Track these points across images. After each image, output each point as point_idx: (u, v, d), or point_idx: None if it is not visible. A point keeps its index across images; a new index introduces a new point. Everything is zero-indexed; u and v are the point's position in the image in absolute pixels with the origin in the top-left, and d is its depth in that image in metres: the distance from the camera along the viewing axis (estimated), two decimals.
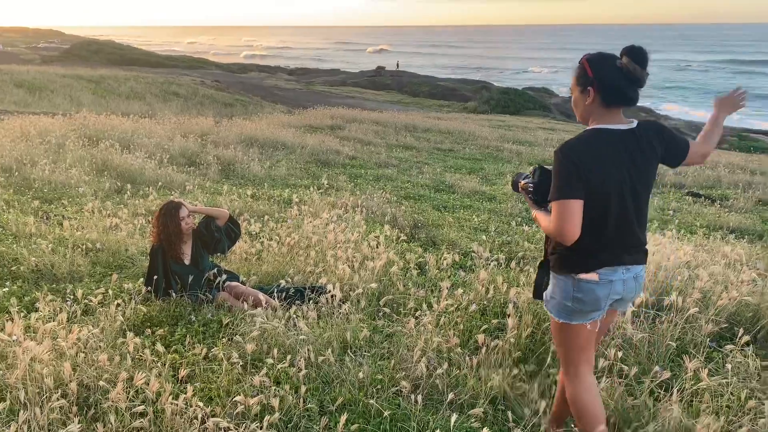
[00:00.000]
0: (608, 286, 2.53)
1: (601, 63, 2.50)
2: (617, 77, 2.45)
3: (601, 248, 2.51)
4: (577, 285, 2.53)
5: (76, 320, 3.94)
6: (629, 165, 2.47)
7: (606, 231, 2.49)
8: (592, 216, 2.44)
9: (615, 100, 2.49)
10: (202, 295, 4.53)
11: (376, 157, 13.39)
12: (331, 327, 3.80)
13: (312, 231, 5.86)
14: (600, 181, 2.42)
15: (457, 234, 7.20)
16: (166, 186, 8.83)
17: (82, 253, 5.51)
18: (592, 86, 2.50)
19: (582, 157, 2.42)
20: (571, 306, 2.56)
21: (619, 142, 2.48)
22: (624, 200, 2.48)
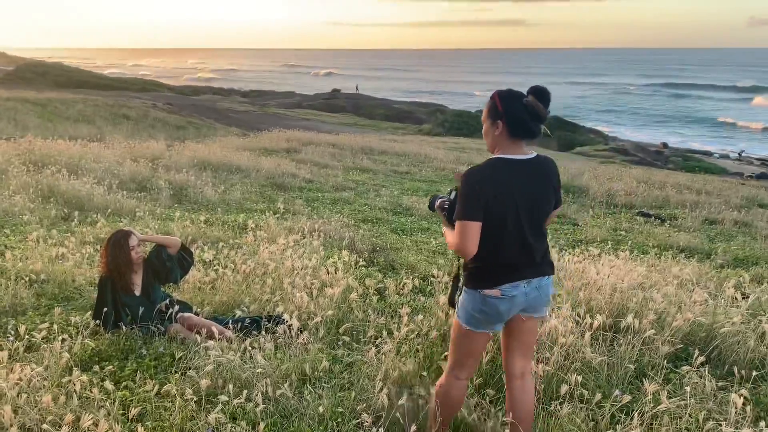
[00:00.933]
0: (510, 300, 2.79)
1: (510, 99, 2.78)
2: (523, 113, 2.74)
3: (502, 266, 2.78)
4: (482, 299, 2.79)
5: (18, 358, 3.73)
6: (527, 190, 2.75)
7: (505, 250, 2.75)
8: (493, 237, 2.71)
9: (519, 133, 2.77)
10: (153, 327, 4.36)
11: (332, 180, 13.34)
12: (289, 358, 3.70)
13: (268, 257, 5.75)
14: (499, 204, 2.69)
15: (415, 257, 7.18)
16: (116, 212, 8.57)
17: (26, 285, 5.27)
18: (501, 119, 2.77)
19: (483, 183, 2.69)
20: (478, 317, 2.83)
21: (518, 170, 2.75)
22: (520, 222, 2.74)
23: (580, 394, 3.35)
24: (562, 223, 10.25)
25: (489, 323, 2.85)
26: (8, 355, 3.53)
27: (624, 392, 3.32)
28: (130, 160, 12.49)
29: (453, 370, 2.98)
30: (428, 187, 13.62)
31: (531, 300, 2.85)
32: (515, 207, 2.72)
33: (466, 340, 2.90)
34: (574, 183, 14.67)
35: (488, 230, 2.69)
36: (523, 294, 2.81)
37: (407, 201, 11.44)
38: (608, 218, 10.91)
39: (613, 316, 4.28)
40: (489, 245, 2.71)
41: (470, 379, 3.47)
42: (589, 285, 4.66)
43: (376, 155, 18.86)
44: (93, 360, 3.96)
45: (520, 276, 2.79)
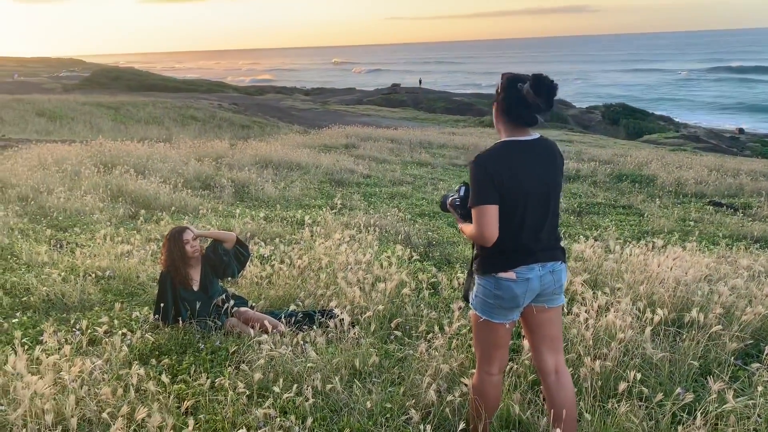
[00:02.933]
0: (525, 283, 2.73)
1: (509, 84, 2.73)
2: (515, 99, 2.69)
3: (516, 248, 2.73)
4: (497, 283, 2.74)
5: (82, 351, 3.89)
6: (538, 170, 2.72)
7: (520, 232, 2.71)
8: (507, 219, 2.67)
9: (513, 118, 2.74)
10: (210, 322, 4.46)
11: (390, 174, 13.34)
12: (340, 352, 3.70)
13: (324, 252, 5.79)
14: (512, 187, 2.65)
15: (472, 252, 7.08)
16: (180, 210, 8.84)
17: (93, 281, 5.49)
18: (498, 103, 2.79)
19: (494, 166, 2.66)
20: (492, 303, 2.77)
21: (526, 151, 2.73)
22: (535, 203, 2.71)
23: (639, 391, 3.20)
24: (628, 214, 9.89)
25: (504, 310, 2.78)
26: (71, 349, 3.68)
27: (687, 390, 3.16)
28: (194, 160, 12.87)
29: (482, 365, 2.91)
30: None
31: (545, 285, 2.78)
32: (527, 188, 2.69)
33: (486, 331, 2.84)
34: (641, 172, 14.15)
35: (502, 214, 2.66)
36: (538, 277, 2.75)
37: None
38: (676, 208, 10.46)
39: (677, 311, 4.08)
40: (503, 228, 2.67)
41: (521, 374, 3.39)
42: (651, 278, 4.46)
43: (434, 149, 18.75)
44: (153, 353, 4.08)
45: (534, 259, 2.75)
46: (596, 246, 5.54)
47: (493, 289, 2.75)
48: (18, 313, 4.81)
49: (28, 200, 8.69)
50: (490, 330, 2.83)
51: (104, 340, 3.89)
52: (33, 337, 4.26)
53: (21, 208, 8.41)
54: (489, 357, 2.88)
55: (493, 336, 2.84)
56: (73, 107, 32.47)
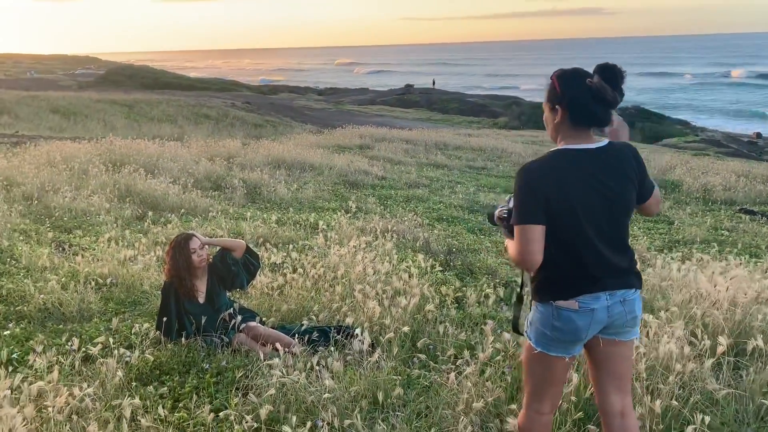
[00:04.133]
0: (589, 315, 2.35)
1: (570, 81, 2.37)
2: (585, 96, 2.31)
3: (579, 274, 2.36)
4: (556, 313, 2.37)
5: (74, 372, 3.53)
6: (599, 185, 2.32)
7: (582, 256, 2.34)
8: (564, 241, 2.33)
9: (582, 120, 2.35)
10: (216, 338, 4.10)
11: (406, 176, 12.95)
12: (359, 379, 3.32)
13: (339, 260, 5.41)
14: (566, 205, 2.29)
15: (495, 260, 6.69)
16: (190, 212, 8.50)
17: (94, 289, 5.15)
18: (560, 104, 2.37)
19: (541, 181, 2.30)
20: (550, 335, 2.39)
21: (586, 162, 2.33)
22: (597, 222, 2.33)
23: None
24: (656, 221, 9.44)
25: (564, 343, 2.39)
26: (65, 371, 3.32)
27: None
28: (205, 159, 12.55)
29: (531, 403, 2.53)
30: (506, 183, 13.00)
31: (614, 317, 2.38)
32: (586, 204, 2.30)
33: (540, 365, 2.46)
34: (665, 177, 13.67)
35: (558, 234, 2.31)
36: (605, 308, 2.35)
37: (484, 198, 10.91)
38: (707, 216, 9.99)
39: (733, 336, 3.66)
40: (561, 251, 2.32)
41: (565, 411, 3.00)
42: (701, 298, 4.04)
43: (450, 150, 18.35)
44: (153, 374, 3.73)
45: (601, 286, 2.35)
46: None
47: (552, 319, 2.37)
48: (11, 324, 4.47)
49: (33, 199, 8.39)
50: (545, 364, 2.45)
51: (99, 360, 3.53)
52: (24, 352, 3.92)
53: (25, 207, 8.11)
54: (541, 394, 2.51)
55: (549, 371, 2.46)
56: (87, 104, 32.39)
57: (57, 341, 4.06)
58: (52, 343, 4.04)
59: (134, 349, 3.90)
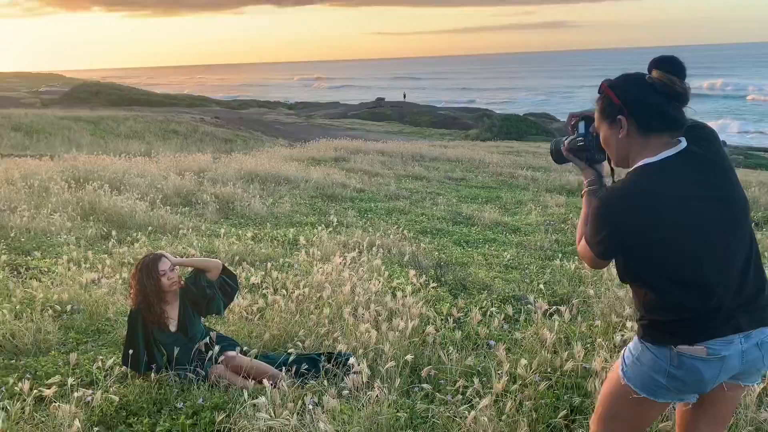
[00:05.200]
0: (719, 363, 1.89)
1: (627, 84, 1.99)
2: (651, 95, 1.92)
3: (704, 312, 1.88)
4: (676, 360, 1.90)
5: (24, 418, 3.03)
6: (707, 193, 1.88)
7: (709, 289, 1.86)
8: (683, 276, 1.88)
9: (654, 123, 1.94)
10: (191, 373, 3.62)
11: (385, 188, 12.55)
12: (359, 420, 2.88)
13: (324, 279, 4.98)
14: (674, 234, 1.85)
15: (486, 274, 6.31)
16: (159, 229, 7.97)
17: (53, 317, 4.63)
18: (622, 114, 1.97)
19: (628, 217, 1.88)
20: (665, 383, 1.93)
21: (680, 172, 1.89)
22: (720, 241, 1.87)
23: None
24: None
25: (679, 393, 1.96)
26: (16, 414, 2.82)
27: None
28: (174, 174, 11.99)
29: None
30: (487, 193, 12.70)
31: (749, 363, 1.92)
32: (701, 224, 1.87)
33: (634, 409, 2.02)
34: None
35: (673, 270, 1.88)
36: (739, 354, 1.89)
37: (467, 209, 10.57)
38: None
39: None
40: (681, 288, 1.88)
41: None
42: None
43: (427, 161, 18.02)
44: (119, 416, 3.25)
45: (734, 327, 1.88)
46: None
47: (669, 366, 1.91)
48: None
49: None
50: (641, 410, 2.02)
51: (54, 404, 3.04)
52: None
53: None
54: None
55: (644, 417, 2.06)
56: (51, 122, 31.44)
57: (5, 380, 3.55)
58: (1, 383, 3.54)
59: (97, 387, 3.41)
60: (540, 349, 3.47)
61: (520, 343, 3.78)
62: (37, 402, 3.26)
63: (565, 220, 9.46)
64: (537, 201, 11.46)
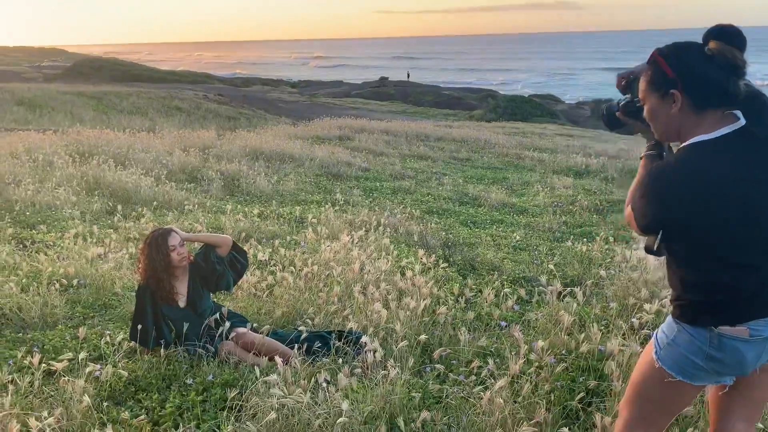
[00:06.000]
0: (761, 344, 1.84)
1: (683, 55, 1.85)
2: (710, 68, 1.80)
3: (748, 292, 1.82)
4: (717, 341, 1.84)
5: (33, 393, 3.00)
6: (760, 180, 1.79)
7: (754, 271, 1.81)
8: (728, 257, 1.81)
9: (712, 99, 1.82)
10: (200, 348, 3.59)
11: (390, 168, 12.47)
12: (372, 398, 2.84)
13: (332, 258, 4.93)
14: (723, 215, 1.77)
15: (495, 254, 6.25)
16: (164, 205, 7.92)
17: (59, 291, 4.59)
18: (675, 88, 1.84)
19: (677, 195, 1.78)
20: (703, 365, 1.88)
21: (735, 152, 1.79)
22: (764, 224, 1.80)
23: None
24: None
25: (718, 375, 1.91)
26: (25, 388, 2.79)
27: None
28: (179, 150, 11.91)
29: (635, 427, 2.06)
30: (493, 174, 12.61)
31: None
32: (752, 207, 1.78)
33: (668, 392, 1.96)
34: None
35: (719, 250, 1.81)
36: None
37: (473, 190, 10.49)
38: None
39: None
40: (725, 268, 1.81)
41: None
42: None
43: (432, 141, 17.89)
44: (128, 391, 3.21)
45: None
46: None
47: (709, 348, 1.86)
48: None
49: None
50: (676, 393, 1.96)
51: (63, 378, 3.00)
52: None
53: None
54: (649, 423, 2.04)
55: (678, 399, 1.99)
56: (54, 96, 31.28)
57: (13, 354, 3.51)
58: (9, 356, 3.50)
59: (105, 362, 3.37)
60: (554, 330, 3.43)
61: (534, 325, 3.74)
62: (46, 376, 3.23)
63: (573, 202, 9.38)
64: (544, 182, 11.37)
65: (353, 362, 3.23)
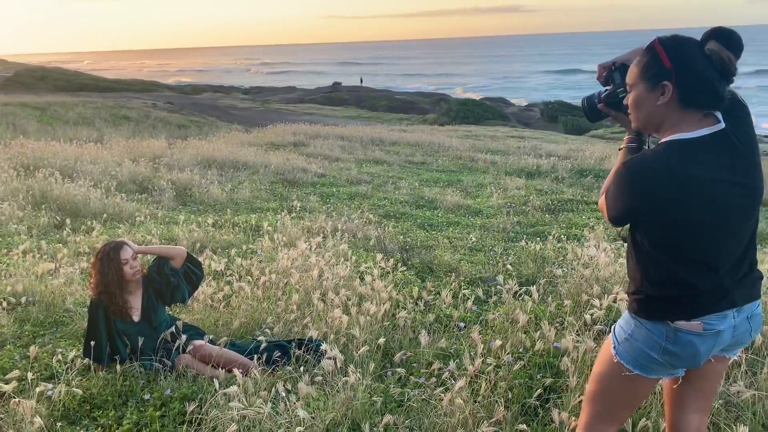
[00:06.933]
0: (714, 337, 1.90)
1: (683, 48, 1.83)
2: (707, 68, 1.79)
3: (706, 290, 1.87)
4: (672, 335, 1.89)
5: None
6: (731, 180, 1.82)
7: (711, 270, 1.87)
8: (690, 257, 1.87)
9: (700, 98, 1.83)
10: (156, 363, 3.52)
11: (346, 173, 12.47)
12: (333, 405, 2.84)
13: (290, 265, 4.90)
14: (692, 215, 1.80)
15: (452, 256, 6.32)
16: (114, 217, 7.74)
17: (7, 310, 4.44)
18: (669, 80, 1.82)
19: (650, 192, 1.80)
20: (659, 359, 1.93)
21: (710, 154, 1.81)
22: (731, 228, 1.86)
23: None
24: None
25: (672, 368, 1.96)
26: None
27: None
28: (129, 161, 11.66)
29: (597, 422, 2.10)
30: (448, 177, 12.73)
31: (738, 336, 1.96)
32: (718, 211, 1.83)
33: (627, 386, 2.01)
34: (602, 167, 13.77)
35: (682, 249, 1.86)
36: (731, 327, 1.91)
37: (429, 193, 10.57)
38: None
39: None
40: (686, 267, 1.87)
41: None
42: None
43: (387, 146, 17.97)
44: (83, 409, 3.13)
45: (729, 302, 1.89)
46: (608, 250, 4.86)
47: (665, 342, 1.90)
48: None
49: None
50: (633, 387, 2.01)
51: (14, 400, 2.90)
52: None
53: None
54: (612, 416, 2.09)
55: (635, 393, 2.04)
56: None
57: None
58: None
59: (58, 381, 3.28)
60: (511, 329, 3.49)
61: (491, 324, 3.80)
62: None
63: (525, 203, 9.55)
64: (497, 184, 11.54)
65: (314, 370, 3.22)
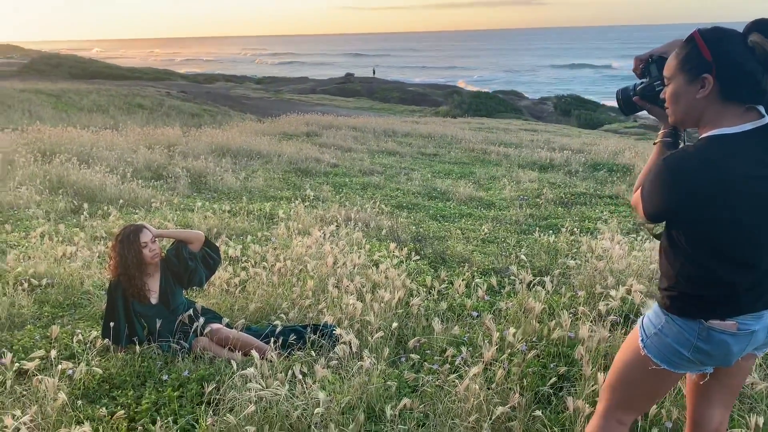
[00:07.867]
0: (747, 337, 1.86)
1: (723, 40, 1.76)
2: (749, 61, 1.71)
3: (743, 289, 1.83)
4: (705, 334, 1.85)
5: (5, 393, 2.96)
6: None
7: (750, 270, 1.82)
8: (728, 255, 1.81)
9: (742, 92, 1.75)
10: (174, 344, 3.58)
11: (359, 164, 12.50)
12: (349, 389, 2.88)
13: (305, 252, 4.95)
14: (731, 212, 1.74)
15: (464, 247, 6.34)
16: (130, 203, 7.82)
17: (27, 291, 4.51)
18: (710, 73, 1.75)
19: (688, 190, 1.73)
20: (689, 356, 1.88)
21: (755, 150, 1.74)
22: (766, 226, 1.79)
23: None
24: (616, 204, 9.35)
25: (702, 365, 1.92)
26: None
27: None
28: (144, 148, 11.76)
29: (615, 411, 2.08)
30: (460, 169, 12.73)
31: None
32: (758, 208, 1.76)
33: (652, 379, 1.97)
34: (616, 161, 13.71)
35: (720, 247, 1.81)
36: (766, 328, 1.88)
37: (441, 184, 10.59)
38: None
39: None
40: (724, 265, 1.82)
41: None
42: None
43: (400, 137, 17.97)
44: (102, 389, 3.19)
45: (765, 303, 1.85)
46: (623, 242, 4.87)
47: (697, 340, 1.86)
48: None
49: None
50: (659, 378, 1.97)
51: (37, 377, 2.97)
52: None
53: None
54: (631, 406, 2.08)
55: (660, 386, 2.02)
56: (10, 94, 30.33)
57: None
58: None
59: (78, 361, 3.34)
60: (525, 318, 3.51)
61: (505, 314, 3.82)
62: (17, 376, 3.19)
63: (538, 195, 9.54)
64: (510, 176, 11.53)
65: (329, 354, 3.27)
